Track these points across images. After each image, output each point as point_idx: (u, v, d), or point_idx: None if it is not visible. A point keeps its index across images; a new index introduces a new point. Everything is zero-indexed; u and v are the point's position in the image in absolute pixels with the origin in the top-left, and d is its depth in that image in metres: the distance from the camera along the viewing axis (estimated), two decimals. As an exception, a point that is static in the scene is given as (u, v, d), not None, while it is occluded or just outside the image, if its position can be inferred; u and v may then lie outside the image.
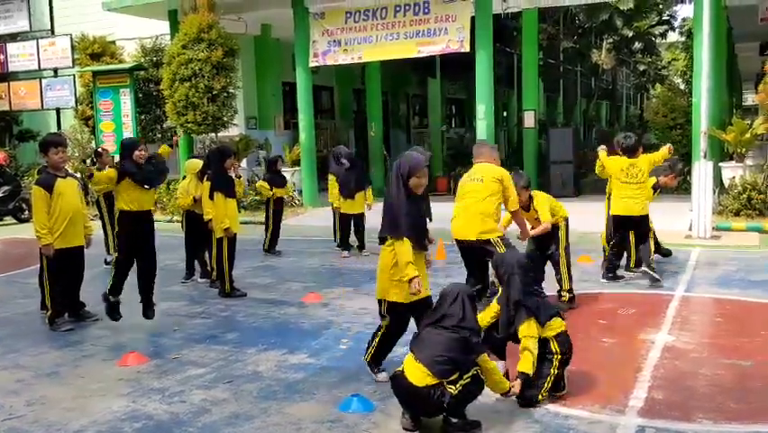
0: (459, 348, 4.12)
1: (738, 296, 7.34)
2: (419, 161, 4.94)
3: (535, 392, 4.54)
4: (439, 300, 4.38)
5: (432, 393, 4.03)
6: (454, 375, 4.08)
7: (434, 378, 4.04)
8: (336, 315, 7.08)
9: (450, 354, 4.09)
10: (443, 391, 4.04)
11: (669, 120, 16.10)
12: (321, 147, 20.68)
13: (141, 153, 6.73)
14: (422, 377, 4.05)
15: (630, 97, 49.81)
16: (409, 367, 4.13)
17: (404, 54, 15.46)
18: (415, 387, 4.06)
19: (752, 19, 17.13)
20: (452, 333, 4.16)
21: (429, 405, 4.08)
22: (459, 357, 4.11)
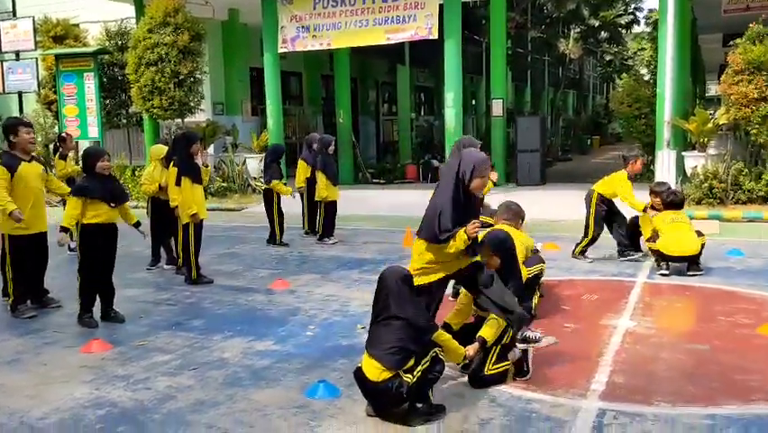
0: (407, 335, 4.10)
1: (698, 282, 7.50)
2: (484, 159, 4.54)
3: (481, 366, 4.65)
4: (375, 292, 4.29)
5: (390, 386, 4.03)
6: (410, 363, 4.09)
7: (388, 371, 4.04)
8: (303, 302, 7.08)
9: (399, 344, 4.07)
10: (401, 382, 4.04)
11: (633, 110, 16.31)
12: (289, 134, 20.58)
13: (104, 164, 6.36)
14: (377, 373, 4.06)
15: (597, 87, 50.34)
16: (366, 365, 4.14)
17: (372, 41, 15.43)
18: (373, 383, 4.07)
19: (715, 11, 17.40)
20: (396, 321, 4.12)
21: (390, 398, 4.08)
22: (409, 344, 4.09)
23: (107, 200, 6.34)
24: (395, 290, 4.18)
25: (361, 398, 4.49)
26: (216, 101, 19.09)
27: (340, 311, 6.69)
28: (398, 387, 4.03)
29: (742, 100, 12.13)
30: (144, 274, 8.69)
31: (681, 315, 6.58)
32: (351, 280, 8.01)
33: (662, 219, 7.93)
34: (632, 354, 5.32)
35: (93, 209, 6.30)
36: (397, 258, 9.24)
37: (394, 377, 4.04)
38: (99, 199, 6.30)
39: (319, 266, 8.89)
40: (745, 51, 12.22)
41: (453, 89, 15.18)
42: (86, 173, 6.47)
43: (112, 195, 6.39)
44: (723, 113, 12.94)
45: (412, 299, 4.24)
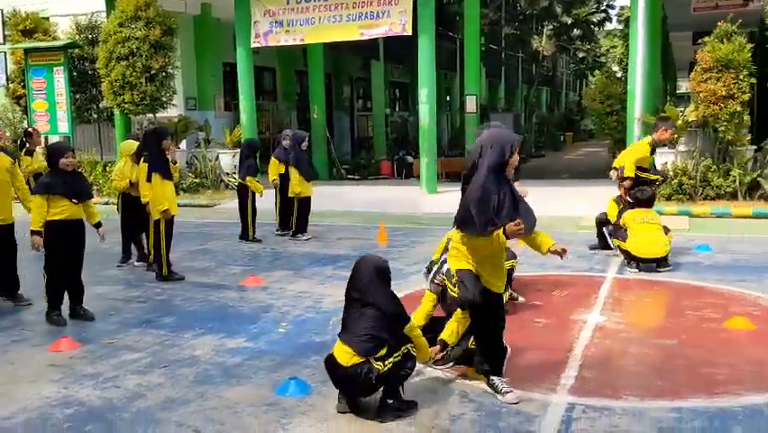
0: (380, 324, 4.12)
1: (667, 277, 7.61)
2: (514, 137, 4.41)
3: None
4: (350, 278, 4.31)
5: (359, 372, 4.05)
6: (381, 351, 4.10)
7: (359, 357, 4.06)
8: (276, 298, 7.05)
9: (372, 332, 4.09)
10: (370, 369, 4.05)
11: (605, 107, 16.48)
12: (263, 129, 20.47)
13: (68, 161, 6.27)
14: (348, 357, 4.08)
15: (570, 84, 50.76)
16: (337, 350, 4.16)
17: (346, 36, 15.41)
18: (343, 368, 4.09)
19: (686, 9, 17.61)
20: (369, 309, 4.15)
21: (358, 384, 4.10)
22: (382, 333, 4.11)
23: (69, 196, 6.26)
24: (369, 278, 4.21)
25: (333, 394, 4.50)
26: (189, 96, 18.92)
27: (313, 308, 6.68)
28: (367, 373, 4.04)
29: (710, 98, 12.30)
30: (115, 271, 8.60)
31: (650, 310, 6.67)
32: (324, 277, 8.00)
33: (632, 218, 8.02)
34: (601, 349, 5.38)
35: (56, 206, 6.22)
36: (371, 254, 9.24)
37: (364, 363, 4.06)
38: (62, 195, 6.22)
39: (292, 262, 8.86)
40: (713, 49, 12.39)
41: (427, 85, 15.20)
42: (51, 169, 6.40)
43: (74, 191, 6.31)
44: (692, 110, 13.11)
45: (386, 288, 4.26)
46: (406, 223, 11.96)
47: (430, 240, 10.25)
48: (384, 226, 10.41)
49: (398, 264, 8.49)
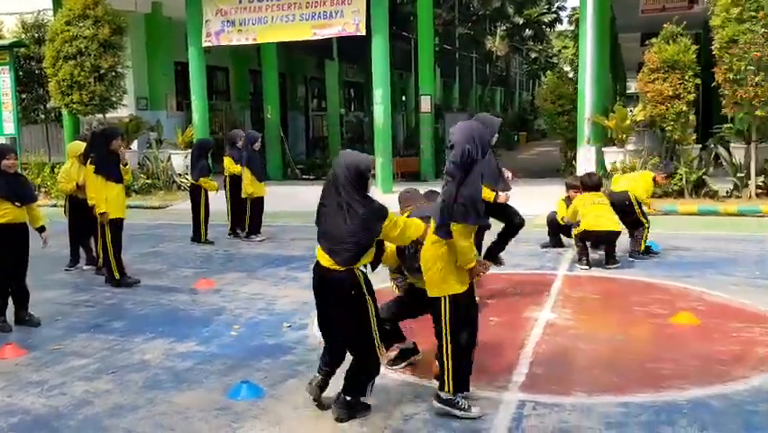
0: (359, 227, 3.98)
1: (615, 274, 7.76)
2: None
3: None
4: (327, 180, 4.12)
5: (337, 278, 4.00)
6: (363, 260, 4.05)
7: (339, 266, 4.00)
8: (229, 301, 6.97)
9: (352, 239, 3.97)
10: (350, 277, 4.00)
11: (557, 107, 16.73)
12: (216, 129, 20.24)
13: (10, 162, 6.08)
14: (330, 263, 4.03)
15: (523, 84, 51.40)
16: (319, 255, 4.12)
17: (299, 36, 15.35)
18: (326, 269, 4.04)
19: (634, 11, 18.00)
20: (347, 211, 3.98)
21: (336, 290, 4.02)
22: (361, 238, 4.00)
23: (12, 199, 6.09)
24: (348, 178, 3.99)
25: (286, 396, 4.48)
26: (140, 96, 18.60)
27: (266, 310, 6.63)
28: (346, 281, 3.99)
29: (657, 98, 12.60)
30: (62, 275, 8.40)
31: (600, 306, 6.79)
32: (278, 278, 7.95)
33: (582, 202, 8.13)
34: (552, 346, 5.46)
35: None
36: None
37: (344, 271, 4.00)
38: (4, 198, 6.05)
39: (245, 264, 8.78)
40: (660, 51, 12.69)
41: (382, 85, 15.22)
42: None
43: (17, 194, 6.14)
44: (640, 110, 13.41)
45: (364, 191, 4.04)
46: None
47: (385, 240, 10.29)
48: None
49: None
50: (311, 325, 6.06)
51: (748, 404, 4.27)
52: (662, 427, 3.98)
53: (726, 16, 11.98)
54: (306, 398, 4.46)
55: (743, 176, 12.71)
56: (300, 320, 6.22)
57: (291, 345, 5.55)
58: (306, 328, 5.98)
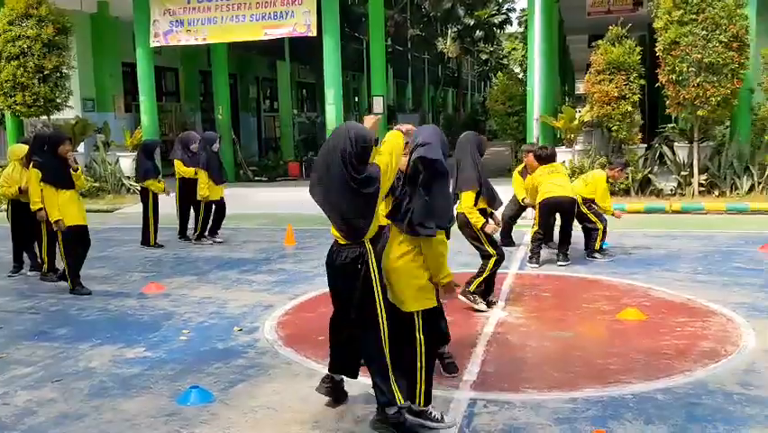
0: (361, 203, 3.86)
1: (564, 272, 7.90)
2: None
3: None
4: (323, 152, 3.95)
5: (349, 256, 3.91)
6: (369, 233, 3.95)
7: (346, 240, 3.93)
8: (178, 305, 6.86)
9: (353, 215, 3.88)
10: (362, 252, 3.90)
11: (507, 107, 16.94)
12: (166, 131, 19.94)
13: None
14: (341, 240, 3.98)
15: (475, 85, 51.89)
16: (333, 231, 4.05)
17: (249, 36, 15.22)
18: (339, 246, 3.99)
19: (581, 13, 18.34)
20: (348, 186, 3.83)
21: (348, 272, 3.92)
22: (366, 212, 3.89)
23: None
24: (354, 152, 3.78)
25: (236, 401, 4.43)
26: (86, 97, 18.20)
27: (217, 314, 6.54)
28: (359, 258, 3.90)
29: (604, 98, 12.87)
30: (5, 282, 8.15)
31: (549, 304, 6.89)
32: (229, 281, 7.86)
33: (539, 173, 8.17)
34: (502, 344, 5.52)
35: None
36: (278, 257, 9.17)
37: (355, 246, 3.92)
38: None
39: (196, 267, 8.65)
40: (605, 52, 12.96)
41: (334, 86, 15.20)
42: None
43: None
44: (587, 110, 13.67)
45: (366, 164, 3.84)
46: (314, 224, 11.87)
47: (337, 241, 10.27)
48: (292, 228, 10.33)
49: (305, 267, 8.45)
50: (262, 328, 6.02)
51: (692, 397, 4.38)
52: (608, 421, 4.06)
53: (669, 19, 12.32)
54: (258, 401, 4.43)
55: (686, 174, 13.07)
56: (251, 323, 6.17)
57: (242, 349, 5.50)
58: (258, 331, 5.92)
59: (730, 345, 5.30)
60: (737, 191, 12.69)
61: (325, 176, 3.89)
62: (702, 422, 4.02)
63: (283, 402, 4.44)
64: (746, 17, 12.31)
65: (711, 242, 9.48)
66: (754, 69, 12.87)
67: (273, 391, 4.63)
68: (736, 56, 12.09)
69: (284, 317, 6.38)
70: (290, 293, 7.20)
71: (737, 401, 4.29)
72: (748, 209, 11.75)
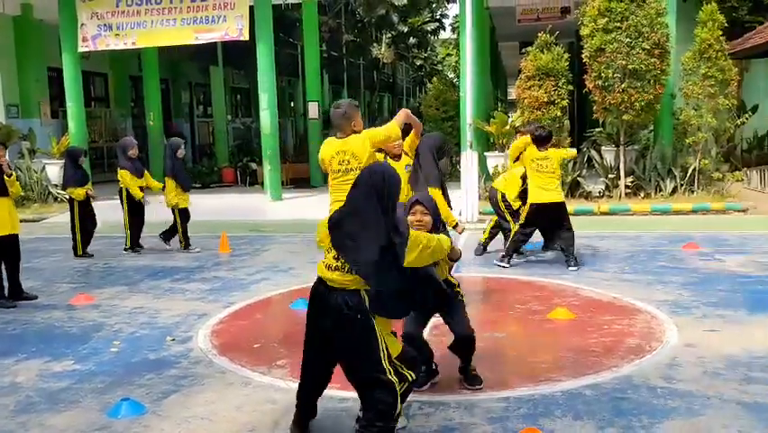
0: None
1: (497, 273, 8.05)
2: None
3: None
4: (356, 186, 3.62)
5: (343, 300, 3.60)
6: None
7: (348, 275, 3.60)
8: (108, 316, 6.69)
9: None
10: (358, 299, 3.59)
11: (441, 113, 17.16)
12: (95, 138, 19.42)
13: None
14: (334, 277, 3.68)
15: (410, 91, 52.26)
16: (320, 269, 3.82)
17: (180, 41, 14.99)
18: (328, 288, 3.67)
19: (511, 20, 18.75)
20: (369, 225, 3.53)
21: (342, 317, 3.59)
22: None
23: None
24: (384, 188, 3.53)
25: (169, 412, 4.36)
26: (10, 103, 17.57)
27: (148, 324, 6.41)
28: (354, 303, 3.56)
29: (534, 103, 13.18)
30: None
31: (483, 305, 7.02)
32: (161, 291, 7.71)
33: (530, 158, 8.05)
34: (436, 346, 5.55)
35: None
36: (212, 265, 9.05)
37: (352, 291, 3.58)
38: None
39: (127, 277, 8.46)
40: (535, 59, 13.29)
41: (268, 91, 15.10)
42: None
43: None
44: (518, 115, 13.98)
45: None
46: (249, 231, 11.81)
47: (274, 247, 10.21)
48: (226, 235, 10.21)
49: (240, 274, 8.38)
50: (196, 337, 5.93)
51: (618, 392, 4.53)
52: (539, 418, 4.17)
53: (594, 27, 12.72)
54: (191, 412, 4.37)
55: (613, 177, 13.50)
56: (185, 333, 6.07)
57: (175, 359, 5.40)
58: (191, 341, 5.84)
59: (654, 341, 5.50)
60: (661, 193, 13.18)
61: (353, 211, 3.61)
62: (628, 416, 4.16)
63: (217, 412, 4.39)
64: (667, 25, 12.81)
65: (637, 242, 9.82)
66: (674, 75, 13.41)
67: (207, 400, 4.57)
68: (657, 62, 12.56)
69: (218, 325, 6.31)
70: (225, 301, 7.12)
71: (661, 395, 4.46)
72: (671, 210, 12.22)
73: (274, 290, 7.60)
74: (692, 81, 12.91)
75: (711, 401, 4.34)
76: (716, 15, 12.90)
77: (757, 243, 9.45)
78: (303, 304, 6.68)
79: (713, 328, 5.80)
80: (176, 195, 9.84)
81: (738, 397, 4.38)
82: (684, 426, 4.02)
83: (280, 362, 5.26)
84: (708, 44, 12.69)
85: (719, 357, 5.09)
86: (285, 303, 7.02)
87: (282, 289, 7.64)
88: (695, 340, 5.49)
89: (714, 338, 5.54)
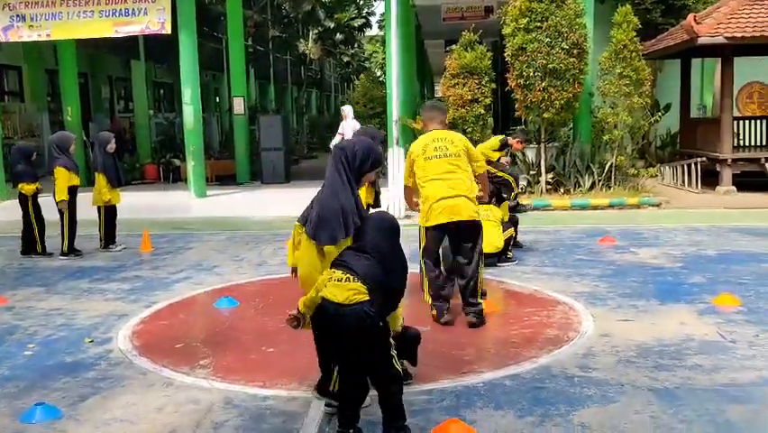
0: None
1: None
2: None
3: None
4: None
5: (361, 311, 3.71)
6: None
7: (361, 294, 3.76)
8: (22, 318, 6.45)
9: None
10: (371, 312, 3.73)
11: (368, 109, 17.21)
12: (9, 133, 18.59)
13: None
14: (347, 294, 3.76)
15: (338, 87, 52.21)
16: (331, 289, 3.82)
17: (99, 33, 14.53)
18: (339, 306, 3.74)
19: (436, 18, 18.96)
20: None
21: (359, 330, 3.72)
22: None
23: None
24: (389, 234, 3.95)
25: (86, 416, 4.25)
26: None
27: (66, 326, 6.21)
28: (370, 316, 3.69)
29: (458, 101, 13.38)
30: None
31: (412, 300, 7.05)
32: (80, 291, 7.47)
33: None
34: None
35: None
36: (133, 264, 8.84)
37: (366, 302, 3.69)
38: None
39: (43, 278, 8.16)
40: (459, 57, 13.48)
41: (191, 86, 14.81)
42: None
43: None
44: (444, 113, 14.13)
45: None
46: (172, 229, 11.56)
47: (198, 246, 10.03)
48: (148, 233, 9.97)
49: (162, 273, 8.21)
50: (115, 338, 5.78)
51: (537, 381, 4.67)
52: (461, 409, 4.25)
53: (516, 26, 13.00)
54: (111, 414, 4.26)
55: (535, 173, 13.85)
56: (104, 334, 5.91)
57: (93, 361, 5.26)
58: (110, 342, 5.69)
59: (572, 332, 5.69)
60: (580, 189, 13.60)
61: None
62: (546, 405, 4.30)
63: (138, 414, 4.30)
64: (585, 26, 13.21)
65: (557, 236, 10.12)
66: (592, 74, 13.85)
67: (127, 402, 4.48)
68: (576, 62, 12.94)
69: (139, 326, 6.17)
70: (146, 301, 6.97)
71: (577, 384, 4.62)
72: (589, 205, 12.63)
73: (198, 289, 7.48)
74: (609, 80, 13.35)
75: (624, 389, 4.52)
76: (630, 17, 13.36)
77: (669, 236, 9.88)
78: (227, 303, 6.69)
79: (627, 318, 6.05)
80: (108, 191, 9.54)
81: (650, 384, 4.59)
82: (599, 413, 4.18)
83: (203, 361, 5.19)
84: (623, 45, 13.14)
85: (632, 346, 5.31)
86: (209, 302, 6.93)
87: (206, 287, 7.52)
88: (610, 330, 5.71)
89: (627, 328, 5.77)
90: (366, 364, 3.79)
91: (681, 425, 3.99)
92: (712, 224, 10.72)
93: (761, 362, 4.94)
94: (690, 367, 4.86)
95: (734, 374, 4.72)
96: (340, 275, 3.72)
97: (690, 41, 13.17)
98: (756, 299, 6.49)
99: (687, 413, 4.13)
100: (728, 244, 9.16)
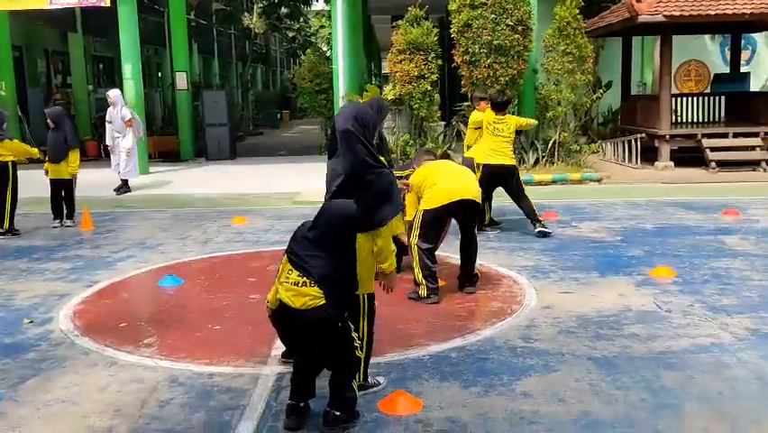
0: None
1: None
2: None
3: None
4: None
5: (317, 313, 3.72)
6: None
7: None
8: (-42, 300, 6.26)
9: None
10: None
11: (314, 85, 17.06)
12: (-62, 108, 17.80)
13: None
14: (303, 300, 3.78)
15: (284, 62, 51.54)
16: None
17: (32, 5, 14.04)
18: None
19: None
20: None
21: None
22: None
23: None
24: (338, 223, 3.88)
25: (27, 398, 4.17)
26: None
27: (3, 306, 6.05)
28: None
29: (405, 77, 13.37)
30: None
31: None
32: (17, 271, 7.27)
33: (487, 121, 8.31)
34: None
35: None
36: (74, 243, 8.64)
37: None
38: None
39: (-19, 259, 7.91)
40: (405, 33, 13.45)
41: (132, 60, 14.45)
42: None
43: None
44: (390, 89, 14.13)
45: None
46: (114, 207, 11.32)
47: (141, 224, 9.86)
48: (88, 211, 9.74)
49: (104, 252, 8.04)
50: (56, 318, 5.66)
51: (481, 353, 4.77)
52: (408, 381, 4.32)
53: (462, 2, 13.03)
54: (52, 395, 4.19)
55: (481, 149, 13.96)
56: (44, 315, 5.78)
57: (33, 342, 5.14)
58: (51, 323, 5.57)
59: (515, 304, 5.82)
60: (525, 165, 13.78)
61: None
62: (490, 375, 4.39)
63: (81, 394, 4.24)
64: (529, 3, 13.32)
65: (501, 211, 10.24)
66: (536, 51, 14.00)
67: (70, 382, 4.40)
68: (521, 39, 13.06)
69: (80, 305, 6.05)
70: (88, 280, 6.83)
71: (520, 354, 4.74)
72: (534, 181, 12.81)
73: (141, 268, 7.36)
74: (552, 57, 13.52)
75: (565, 358, 4.66)
76: (573, -6, 13.53)
77: (609, 210, 10.13)
78: (171, 281, 6.60)
79: (568, 291, 6.21)
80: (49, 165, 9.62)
81: (589, 353, 4.73)
82: (541, 381, 4.30)
83: (148, 340, 5.13)
84: (566, 22, 13.30)
85: (573, 317, 5.47)
86: (153, 281, 6.84)
87: (150, 265, 7.41)
88: (552, 302, 5.86)
89: (569, 300, 5.93)
90: (324, 355, 3.84)
91: (618, 391, 4.13)
92: (650, 198, 11.03)
93: (694, 330, 5.14)
94: (628, 336, 5.03)
95: (669, 342, 4.91)
96: (296, 278, 3.72)
97: (630, 19, 13.41)
98: (691, 271, 6.73)
99: (624, 380, 4.28)
100: (665, 218, 9.45)
